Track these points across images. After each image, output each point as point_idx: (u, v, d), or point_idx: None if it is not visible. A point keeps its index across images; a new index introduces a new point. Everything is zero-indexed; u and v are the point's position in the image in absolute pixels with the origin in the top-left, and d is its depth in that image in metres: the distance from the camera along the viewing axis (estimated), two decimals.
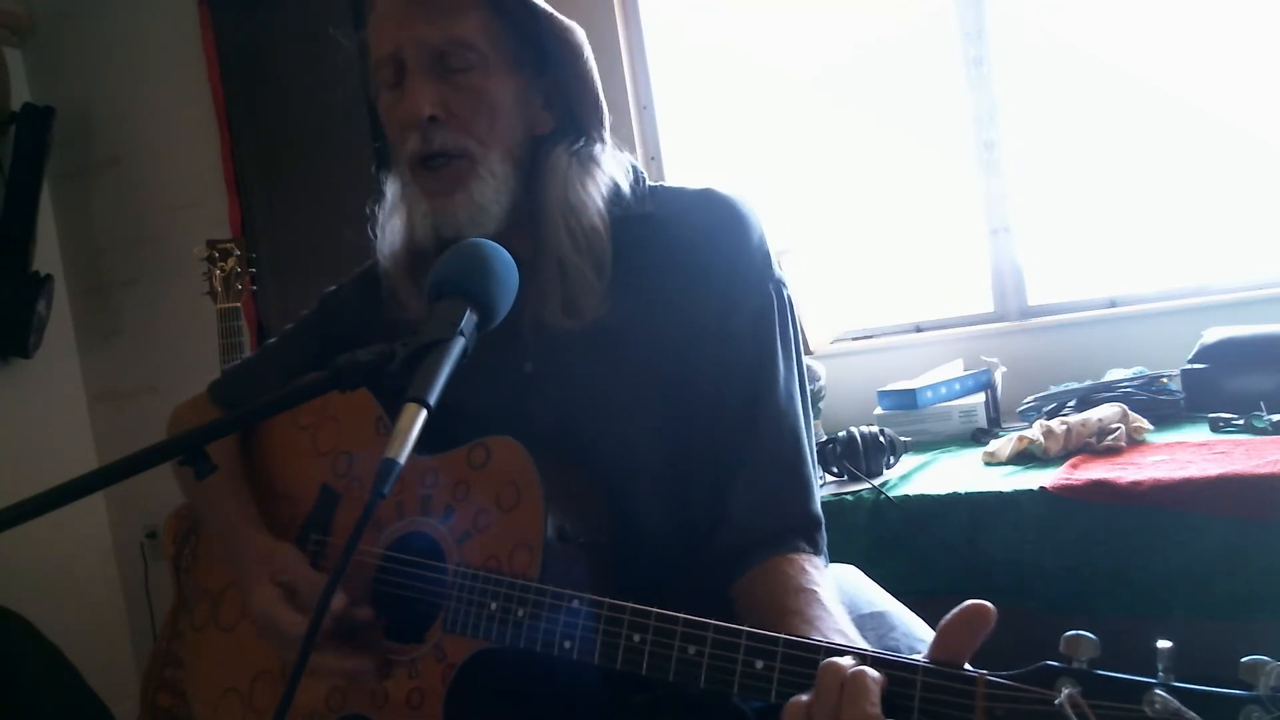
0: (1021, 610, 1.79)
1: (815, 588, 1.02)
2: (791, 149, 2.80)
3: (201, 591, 1.35)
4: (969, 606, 0.78)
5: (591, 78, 1.17)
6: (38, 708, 2.29)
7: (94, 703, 2.46)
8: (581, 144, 1.17)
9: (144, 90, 3.34)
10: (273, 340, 1.44)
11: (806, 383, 1.21)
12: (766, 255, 1.18)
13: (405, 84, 1.11)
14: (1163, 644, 0.69)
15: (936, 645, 0.79)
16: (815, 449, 1.20)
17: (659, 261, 1.16)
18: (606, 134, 1.19)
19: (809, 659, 0.83)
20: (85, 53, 3.39)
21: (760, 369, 1.15)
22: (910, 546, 1.85)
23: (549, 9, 1.14)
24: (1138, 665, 0.73)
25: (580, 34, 1.16)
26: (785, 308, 1.18)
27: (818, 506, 1.15)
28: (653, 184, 1.23)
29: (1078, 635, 0.72)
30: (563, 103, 1.18)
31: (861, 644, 0.93)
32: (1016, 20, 2.54)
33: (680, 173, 2.89)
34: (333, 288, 1.39)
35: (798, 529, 1.11)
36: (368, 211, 1.25)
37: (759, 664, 0.85)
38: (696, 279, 1.15)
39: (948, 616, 0.79)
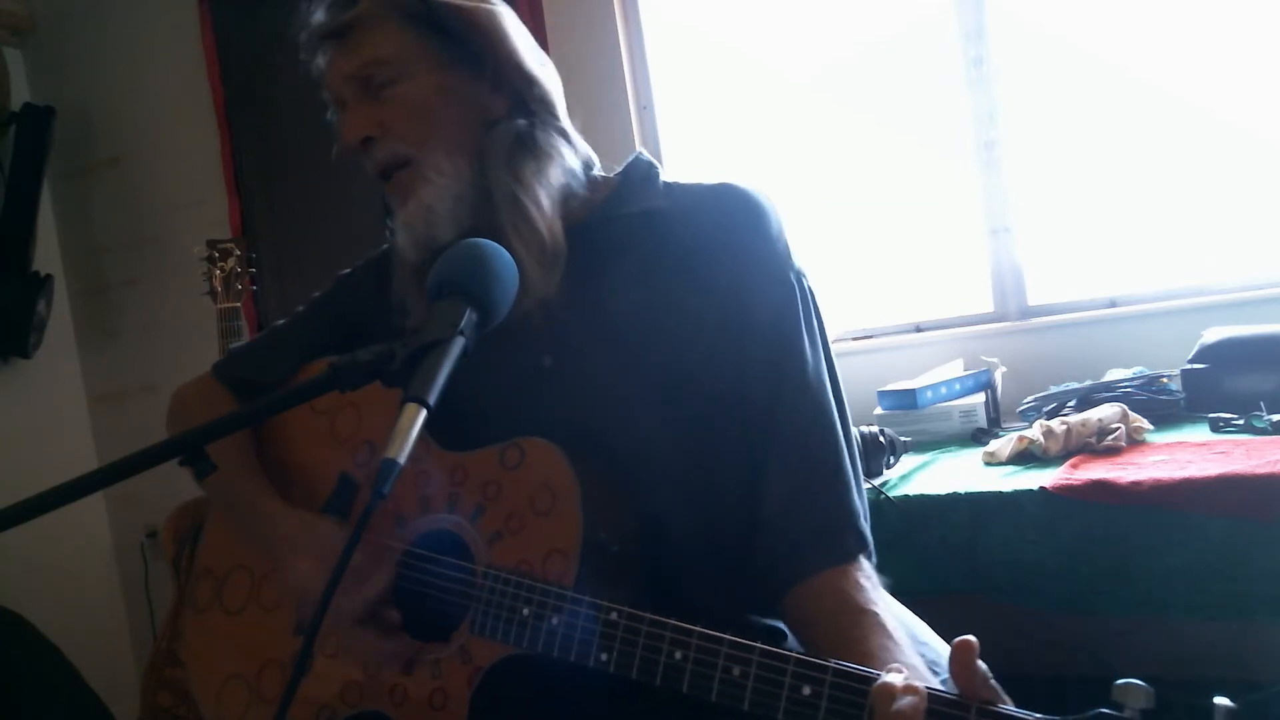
0: (1022, 610, 1.80)
1: (874, 608, 1.00)
2: (792, 149, 2.80)
3: (205, 573, 1.32)
4: (954, 648, 0.78)
5: (507, 49, 1.17)
6: (38, 708, 2.29)
7: (94, 703, 2.45)
8: (527, 125, 1.17)
9: (144, 90, 3.34)
10: (282, 321, 1.42)
11: (840, 385, 1.17)
12: (786, 246, 1.17)
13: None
14: (1221, 702, 0.68)
15: (961, 687, 0.78)
16: (855, 456, 1.15)
17: (675, 255, 1.15)
18: (554, 108, 1.20)
19: (859, 688, 0.82)
20: (85, 53, 3.39)
21: (783, 360, 1.12)
22: (910, 546, 1.85)
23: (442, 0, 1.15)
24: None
25: (486, 11, 1.17)
26: (809, 298, 1.17)
27: (856, 501, 1.10)
28: (667, 180, 1.23)
29: (1130, 684, 0.72)
30: (508, 83, 1.18)
31: (931, 679, 0.91)
32: (1016, 20, 2.54)
33: (680, 173, 2.88)
34: (347, 270, 1.39)
35: (842, 525, 1.07)
36: (388, 224, 1.26)
37: (806, 690, 0.84)
38: (714, 271, 1.14)
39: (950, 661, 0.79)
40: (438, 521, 1.13)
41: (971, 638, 0.77)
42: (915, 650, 0.97)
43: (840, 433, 1.12)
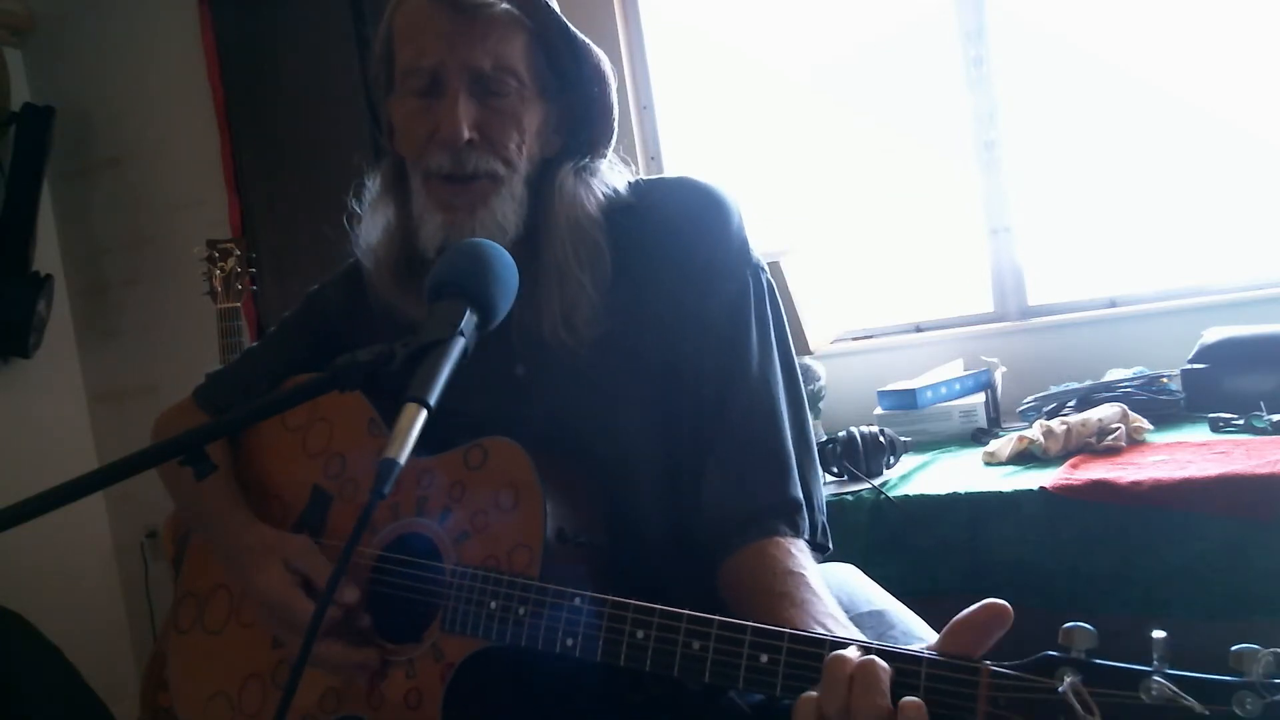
0: (1021, 610, 1.79)
1: (802, 570, 1.03)
2: (792, 149, 2.80)
3: (187, 594, 1.34)
4: (987, 607, 0.79)
5: (613, 105, 1.20)
6: (38, 708, 2.29)
7: (94, 703, 2.45)
8: (587, 161, 1.19)
9: (144, 90, 3.34)
10: (256, 344, 1.44)
11: (796, 368, 1.21)
12: (745, 241, 1.20)
13: (443, 102, 1.11)
14: (1158, 634, 0.71)
15: (947, 639, 0.80)
16: (808, 437, 1.19)
17: (641, 253, 1.18)
18: (610, 150, 1.22)
19: (814, 653, 0.83)
20: (85, 53, 3.39)
21: (732, 353, 1.15)
22: (910, 546, 1.85)
23: (585, 38, 1.16)
24: (1137, 665, 0.74)
25: (608, 62, 1.19)
26: (763, 292, 1.19)
27: (798, 490, 1.13)
28: (632, 179, 1.24)
29: (1076, 626, 0.74)
30: (573, 125, 1.20)
31: (856, 633, 0.94)
32: (1016, 20, 2.54)
33: (680, 173, 2.88)
34: (316, 287, 1.39)
35: (775, 512, 1.11)
36: (350, 205, 1.25)
37: (764, 658, 0.86)
38: (677, 267, 1.16)
39: (964, 613, 0.79)
40: (408, 526, 1.14)
41: (1009, 610, 0.79)
42: (840, 606, 1.00)
43: (783, 426, 1.15)
